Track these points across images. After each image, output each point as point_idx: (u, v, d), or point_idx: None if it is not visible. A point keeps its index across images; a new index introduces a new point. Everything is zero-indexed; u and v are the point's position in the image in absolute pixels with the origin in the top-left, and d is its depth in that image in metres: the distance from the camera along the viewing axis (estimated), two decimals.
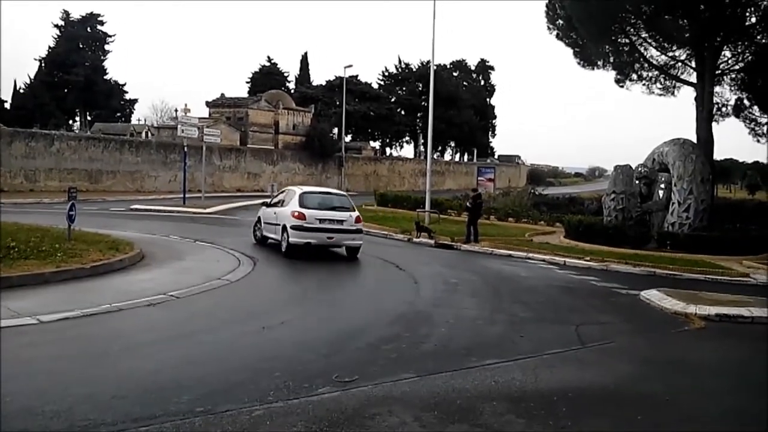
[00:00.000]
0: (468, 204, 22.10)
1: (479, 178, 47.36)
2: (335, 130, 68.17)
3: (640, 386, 7.24)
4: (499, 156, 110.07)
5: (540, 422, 5.86)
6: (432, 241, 21.11)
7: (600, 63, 28.05)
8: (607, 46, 26.83)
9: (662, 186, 22.39)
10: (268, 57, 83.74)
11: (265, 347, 7.97)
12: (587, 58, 28.08)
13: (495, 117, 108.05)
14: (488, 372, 7.28)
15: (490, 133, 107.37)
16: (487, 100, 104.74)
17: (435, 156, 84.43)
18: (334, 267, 15.53)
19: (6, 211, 24.47)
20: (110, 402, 5.73)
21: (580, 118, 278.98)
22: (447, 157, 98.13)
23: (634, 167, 23.18)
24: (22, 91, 68.14)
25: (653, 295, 12.69)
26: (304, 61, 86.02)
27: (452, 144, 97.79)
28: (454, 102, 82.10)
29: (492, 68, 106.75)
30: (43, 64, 67.87)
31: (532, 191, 40.67)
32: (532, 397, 6.54)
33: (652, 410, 6.42)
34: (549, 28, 28.37)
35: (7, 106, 66.62)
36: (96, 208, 28.43)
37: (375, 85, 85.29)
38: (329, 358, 7.53)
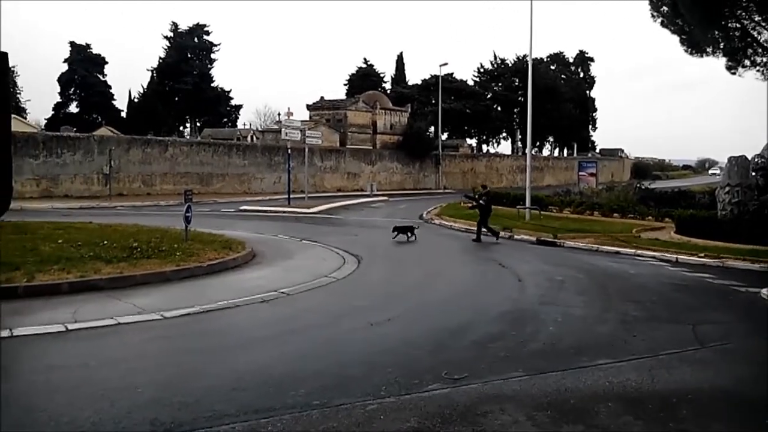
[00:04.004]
0: (482, 201, 21.18)
1: (580, 173, 46.01)
2: (431, 129, 68.15)
3: (764, 389, 6.86)
4: (600, 150, 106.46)
5: (660, 424, 5.68)
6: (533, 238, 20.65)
7: (709, 50, 26.48)
8: (716, 32, 25.35)
9: None
10: (365, 59, 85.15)
11: (374, 343, 8.14)
12: (695, 45, 26.62)
13: (595, 110, 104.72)
14: (601, 372, 7.11)
15: (590, 126, 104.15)
16: (587, 92, 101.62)
17: (533, 151, 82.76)
18: (437, 264, 15.59)
19: (126, 214, 26.21)
20: (231, 394, 6.05)
21: (688, 108, 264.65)
22: (546, 152, 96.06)
23: (750, 158, 21.82)
24: (136, 100, 72.53)
25: None
26: (400, 61, 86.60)
27: (551, 139, 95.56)
28: (552, 96, 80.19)
29: (591, 59, 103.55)
30: (155, 75, 71.92)
31: (638, 185, 39.04)
32: (650, 398, 6.34)
33: None
34: (653, 16, 27.11)
35: (123, 115, 71.17)
36: (208, 210, 29.81)
37: (470, 82, 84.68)
38: (437, 355, 7.60)
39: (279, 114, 57.31)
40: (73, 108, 70.46)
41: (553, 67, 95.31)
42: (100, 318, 8.75)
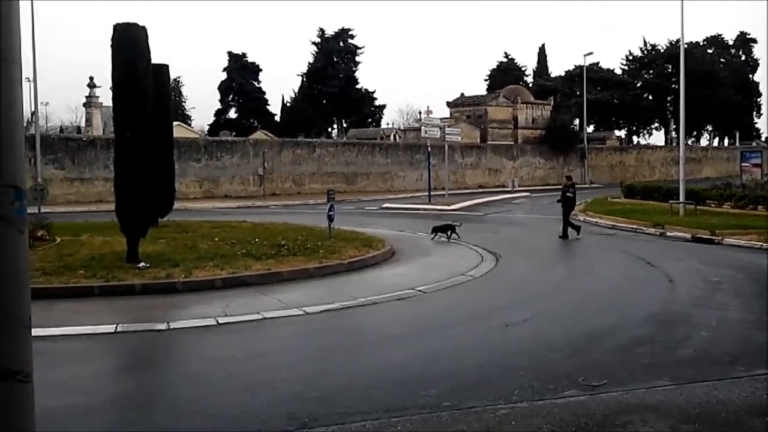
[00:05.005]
0: (569, 194, 19.39)
1: (743, 164, 42.37)
2: (576, 121, 65.79)
3: None
4: (767, 138, 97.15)
5: None
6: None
7: None
8: None
9: None
10: (505, 53, 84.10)
11: (508, 344, 7.99)
12: None
13: (760, 95, 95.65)
14: (758, 383, 6.49)
15: (754, 113, 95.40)
16: (750, 76, 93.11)
17: (689, 142, 77.23)
18: (579, 263, 15.05)
19: (277, 212, 27.66)
20: (366, 391, 6.19)
21: None
22: (704, 142, 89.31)
23: None
24: (288, 104, 76.30)
25: None
26: (542, 53, 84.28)
27: (709, 128, 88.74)
28: (709, 81, 74.26)
29: (754, 41, 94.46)
30: (304, 79, 75.20)
31: None
32: None
33: None
34: None
35: (277, 118, 75.26)
36: (352, 208, 30.74)
37: (618, 71, 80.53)
38: (575, 359, 7.32)
39: (420, 112, 57.92)
40: (232, 114, 75.19)
41: (710, 51, 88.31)
42: (248, 313, 9.30)
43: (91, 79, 45.58)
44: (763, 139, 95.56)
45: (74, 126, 67.17)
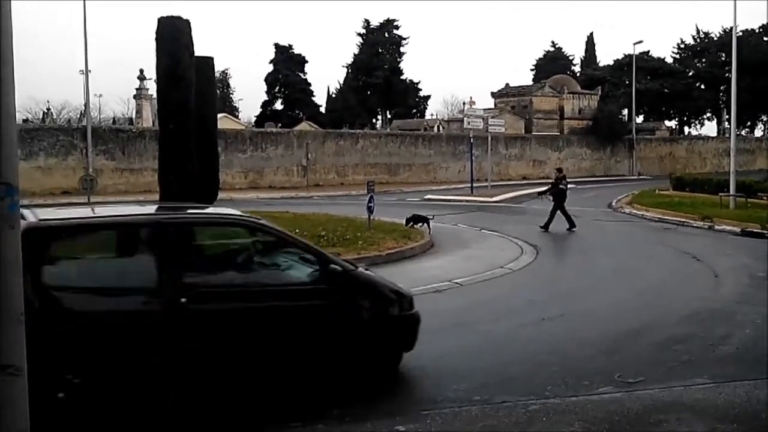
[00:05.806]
0: (562, 186, 18.87)
1: None
2: (624, 112, 64.40)
3: None
4: None
5: None
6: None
7: None
8: None
9: None
10: (552, 42, 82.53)
11: (543, 339, 7.89)
12: None
13: None
14: None
15: None
16: None
17: (743, 132, 74.75)
18: (624, 257, 14.71)
19: (320, 203, 27.91)
20: (396, 384, 6.21)
21: None
22: (758, 132, 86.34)
23: None
24: (333, 96, 76.70)
25: None
26: (590, 42, 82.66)
27: (764, 118, 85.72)
28: (765, 70, 71.66)
29: None
30: (349, 71, 75.44)
31: None
32: None
33: None
34: None
35: (322, 110, 75.78)
36: (395, 199, 30.70)
37: (669, 60, 78.36)
38: (611, 356, 7.21)
39: (464, 103, 57.56)
40: (279, 105, 75.91)
41: (766, 39, 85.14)
42: None
43: (141, 71, 46.79)
44: None
45: (126, 117, 68.88)
